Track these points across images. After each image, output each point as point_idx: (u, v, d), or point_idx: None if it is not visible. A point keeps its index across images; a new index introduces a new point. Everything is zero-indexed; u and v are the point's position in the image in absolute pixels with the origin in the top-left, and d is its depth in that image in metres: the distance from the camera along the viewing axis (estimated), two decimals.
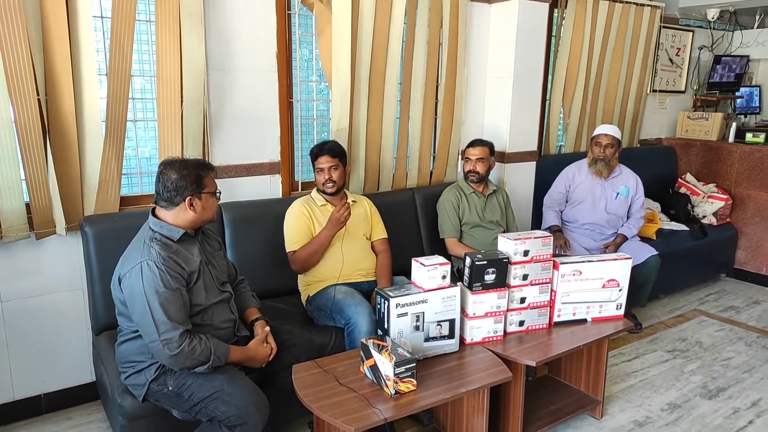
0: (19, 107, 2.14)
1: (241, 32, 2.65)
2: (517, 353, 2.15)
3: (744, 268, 4.36)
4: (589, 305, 2.41)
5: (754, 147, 4.23)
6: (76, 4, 2.22)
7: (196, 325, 1.86)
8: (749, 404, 2.67)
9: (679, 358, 3.11)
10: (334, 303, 2.38)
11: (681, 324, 3.58)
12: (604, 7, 3.92)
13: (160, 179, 1.86)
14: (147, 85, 2.62)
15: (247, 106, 2.74)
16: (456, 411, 2.18)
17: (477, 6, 3.40)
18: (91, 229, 2.31)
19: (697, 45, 4.83)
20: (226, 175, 2.73)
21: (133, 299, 1.78)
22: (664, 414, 2.57)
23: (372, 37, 2.92)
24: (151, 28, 2.49)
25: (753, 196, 4.23)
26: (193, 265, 1.87)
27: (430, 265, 2.04)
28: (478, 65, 3.50)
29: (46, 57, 2.19)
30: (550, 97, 3.91)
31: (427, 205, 3.19)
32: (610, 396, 2.68)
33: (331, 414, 1.70)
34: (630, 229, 3.41)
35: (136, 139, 2.62)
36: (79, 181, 2.36)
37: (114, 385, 1.99)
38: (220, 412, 1.78)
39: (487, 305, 2.20)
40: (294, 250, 2.51)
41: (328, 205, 2.60)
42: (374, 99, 3.03)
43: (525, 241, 2.25)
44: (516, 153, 3.55)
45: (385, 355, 1.80)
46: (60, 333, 2.47)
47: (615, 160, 3.38)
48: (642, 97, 4.45)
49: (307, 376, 1.91)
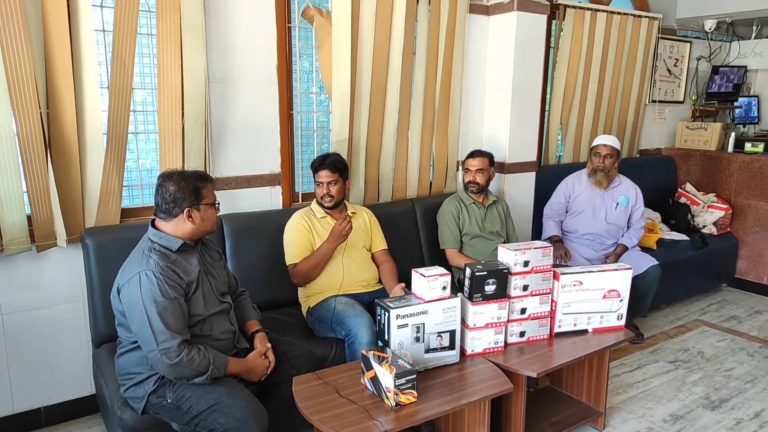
0: (21, 120, 2.16)
1: (241, 45, 2.67)
2: (518, 364, 2.15)
3: (745, 278, 4.35)
4: (589, 316, 2.41)
5: (753, 157, 4.24)
6: (78, 18, 2.24)
7: (195, 336, 1.86)
8: (752, 415, 2.66)
9: (681, 369, 3.09)
10: (335, 314, 2.38)
11: (683, 334, 3.57)
12: (602, 19, 3.95)
13: (159, 191, 1.87)
14: (148, 97, 2.64)
15: (247, 118, 2.75)
16: (457, 423, 2.17)
17: (476, 18, 3.43)
18: (92, 241, 2.31)
19: (695, 56, 4.86)
20: (227, 187, 2.74)
21: (131, 309, 1.78)
22: (667, 425, 2.55)
23: (372, 49, 2.95)
24: (152, 42, 2.51)
25: (753, 205, 4.23)
26: (191, 275, 1.88)
27: (430, 276, 2.04)
28: (477, 76, 3.52)
29: (48, 70, 2.21)
30: (549, 107, 3.93)
31: (427, 216, 3.20)
32: (612, 407, 2.67)
33: (331, 426, 1.69)
34: (630, 239, 3.41)
35: (137, 152, 2.63)
36: (80, 193, 2.37)
37: (114, 398, 1.98)
38: (219, 424, 1.78)
39: (488, 316, 2.19)
40: (294, 263, 2.51)
41: (328, 218, 2.60)
42: (374, 110, 3.04)
43: (525, 252, 2.25)
44: (515, 164, 3.56)
45: (385, 366, 1.80)
46: (60, 345, 2.47)
47: (614, 170, 3.38)
48: (641, 108, 4.47)
49: (307, 388, 1.90)
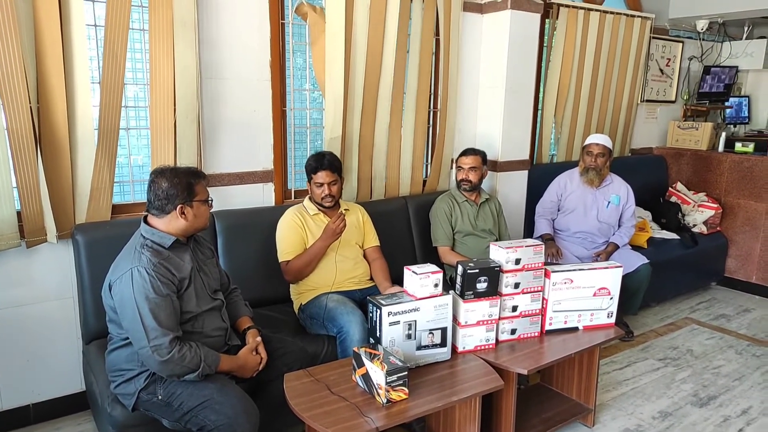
0: (10, 115, 2.14)
1: (234, 41, 2.66)
2: (509, 361, 2.16)
3: (734, 277, 4.39)
4: (580, 313, 2.42)
5: (743, 156, 4.28)
6: (69, 12, 2.22)
7: (187, 333, 1.85)
8: (739, 412, 2.68)
9: (670, 367, 3.12)
10: (327, 311, 2.38)
11: (672, 332, 3.60)
12: (594, 18, 3.97)
13: (151, 187, 1.86)
14: (140, 93, 2.63)
15: (240, 115, 2.74)
16: (448, 419, 2.18)
17: (469, 16, 3.43)
18: (83, 237, 2.30)
19: (686, 56, 4.89)
20: (219, 183, 2.73)
21: (123, 305, 1.77)
22: (656, 422, 2.58)
23: (365, 46, 2.94)
24: (144, 37, 2.49)
25: (743, 205, 4.27)
26: (183, 272, 1.87)
27: (422, 274, 2.05)
28: (470, 75, 3.52)
29: (39, 64, 2.19)
30: (542, 106, 3.94)
31: (419, 214, 3.20)
32: (601, 404, 2.69)
33: (322, 423, 1.69)
34: (621, 237, 3.43)
35: (129, 147, 2.62)
36: (70, 188, 2.35)
37: (104, 395, 1.97)
38: (210, 421, 1.77)
39: (479, 313, 2.20)
40: (287, 260, 2.51)
41: (321, 215, 2.60)
42: (368, 108, 3.04)
43: (517, 250, 2.26)
44: (508, 162, 3.57)
45: (376, 363, 1.80)
46: (49, 342, 2.45)
47: (606, 169, 3.40)
48: (633, 107, 4.50)
49: (298, 385, 1.90)
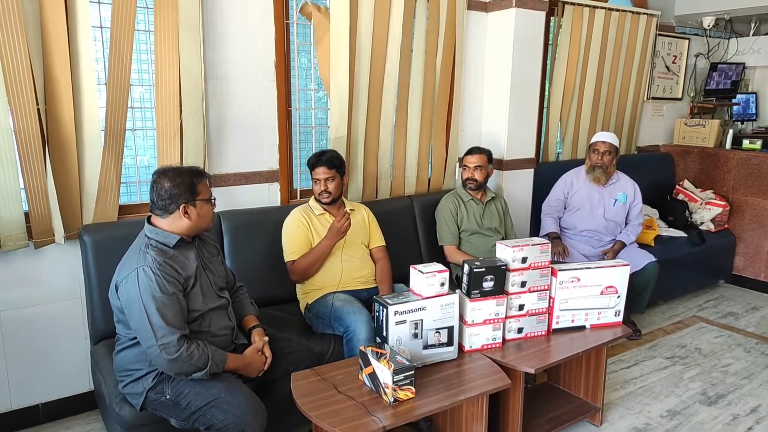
0: (18, 116, 2.15)
1: (239, 41, 2.67)
2: (516, 360, 2.15)
3: (742, 275, 4.36)
4: (587, 312, 2.41)
5: (751, 153, 4.25)
6: (75, 14, 2.23)
7: (194, 332, 1.86)
8: (749, 410, 2.67)
9: (678, 365, 3.10)
10: (333, 311, 2.38)
11: (680, 330, 3.58)
12: (600, 15, 3.95)
13: (154, 188, 1.87)
14: (146, 94, 2.64)
15: (245, 115, 2.75)
16: (455, 419, 2.18)
17: (474, 15, 3.42)
18: (90, 237, 2.31)
19: (693, 52, 4.86)
20: (225, 183, 2.74)
21: (130, 305, 1.78)
22: (664, 421, 2.56)
23: (370, 45, 2.94)
24: (150, 38, 2.50)
25: (750, 202, 4.24)
26: (189, 270, 1.88)
27: (428, 273, 2.04)
28: (475, 73, 3.52)
29: (46, 66, 2.20)
30: (547, 104, 3.93)
31: (425, 213, 3.20)
32: (609, 403, 2.67)
33: (329, 422, 1.69)
34: (628, 235, 3.41)
35: (135, 148, 2.63)
36: (77, 189, 2.37)
37: (112, 395, 1.98)
38: (218, 420, 1.78)
39: (486, 312, 2.20)
40: (293, 260, 2.51)
41: (327, 214, 2.60)
42: (373, 107, 3.04)
43: (523, 248, 2.25)
44: (514, 160, 3.56)
45: (383, 362, 1.80)
46: (58, 342, 2.47)
47: (612, 167, 3.39)
48: (639, 105, 4.47)
49: (305, 384, 1.90)
